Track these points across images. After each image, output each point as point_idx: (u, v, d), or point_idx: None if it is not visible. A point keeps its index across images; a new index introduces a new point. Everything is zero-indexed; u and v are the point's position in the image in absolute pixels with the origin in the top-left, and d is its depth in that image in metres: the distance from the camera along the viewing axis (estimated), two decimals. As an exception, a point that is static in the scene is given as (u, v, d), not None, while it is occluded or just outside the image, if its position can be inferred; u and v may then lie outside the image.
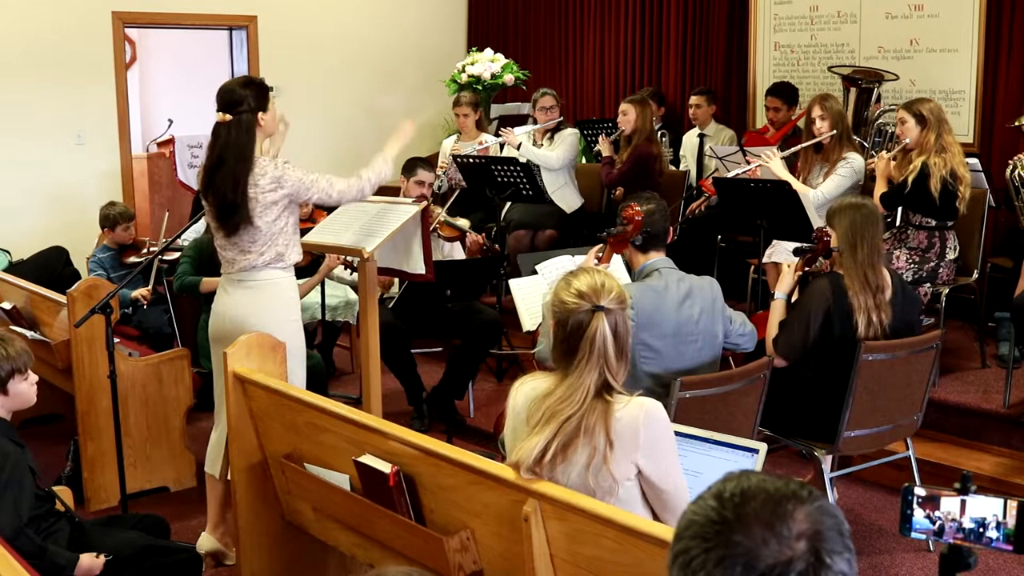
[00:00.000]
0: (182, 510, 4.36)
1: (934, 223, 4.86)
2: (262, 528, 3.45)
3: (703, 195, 5.93)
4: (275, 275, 3.73)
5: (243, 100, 3.65)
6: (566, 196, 6.65)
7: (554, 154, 6.55)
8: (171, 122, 7.78)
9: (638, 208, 3.51)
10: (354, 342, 6.12)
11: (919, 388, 3.89)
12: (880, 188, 4.91)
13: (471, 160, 6.15)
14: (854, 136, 5.53)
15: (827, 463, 3.87)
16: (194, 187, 6.96)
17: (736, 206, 5.13)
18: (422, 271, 4.08)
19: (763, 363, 3.51)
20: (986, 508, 1.71)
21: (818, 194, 5.06)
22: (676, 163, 7.14)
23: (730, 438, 2.63)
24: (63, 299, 4.56)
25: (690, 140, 7.10)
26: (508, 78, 7.94)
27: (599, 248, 3.66)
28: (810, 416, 3.82)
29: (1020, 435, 4.55)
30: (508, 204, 6.63)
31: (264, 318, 3.66)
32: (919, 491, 1.76)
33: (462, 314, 5.27)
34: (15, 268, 6.31)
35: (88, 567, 3.08)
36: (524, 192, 6.11)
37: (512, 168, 6.03)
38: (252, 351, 3.37)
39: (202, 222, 4.28)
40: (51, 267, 6.43)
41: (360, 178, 3.85)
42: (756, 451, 2.56)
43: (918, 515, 1.76)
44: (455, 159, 6.31)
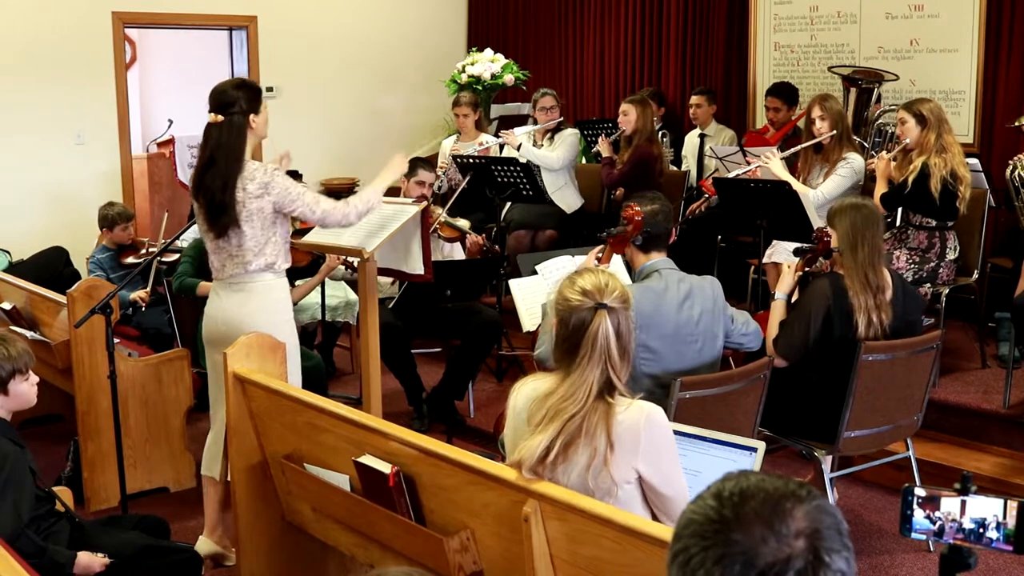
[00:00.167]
0: (182, 510, 4.36)
1: (934, 223, 4.86)
2: (262, 528, 3.46)
3: (703, 196, 5.93)
4: (265, 278, 3.73)
5: (235, 102, 3.65)
6: (566, 196, 6.64)
7: (554, 154, 6.55)
8: (171, 122, 7.79)
9: (638, 208, 3.51)
10: (354, 342, 6.12)
11: (919, 388, 3.89)
12: (880, 188, 4.91)
13: (471, 160, 6.15)
14: (854, 136, 5.53)
15: (827, 463, 3.86)
16: (193, 187, 6.95)
17: (736, 206, 5.13)
18: (421, 271, 4.08)
19: (763, 363, 3.51)
20: (986, 508, 1.71)
21: (818, 194, 5.06)
22: (677, 163, 7.14)
23: (728, 437, 2.63)
24: (63, 299, 4.56)
25: (691, 140, 7.10)
26: (508, 78, 7.93)
27: (600, 248, 3.65)
28: (810, 416, 3.82)
29: (1020, 435, 4.55)
30: (508, 204, 6.63)
31: (256, 320, 3.65)
32: (919, 491, 1.76)
33: (462, 314, 5.26)
34: (15, 268, 6.31)
35: (87, 564, 3.08)
36: (524, 192, 6.11)
37: (512, 168, 6.03)
38: (252, 351, 3.37)
39: (201, 223, 4.28)
40: (51, 267, 6.43)
41: (347, 204, 3.82)
42: (754, 450, 2.56)
43: (918, 515, 1.75)
44: (455, 159, 6.31)
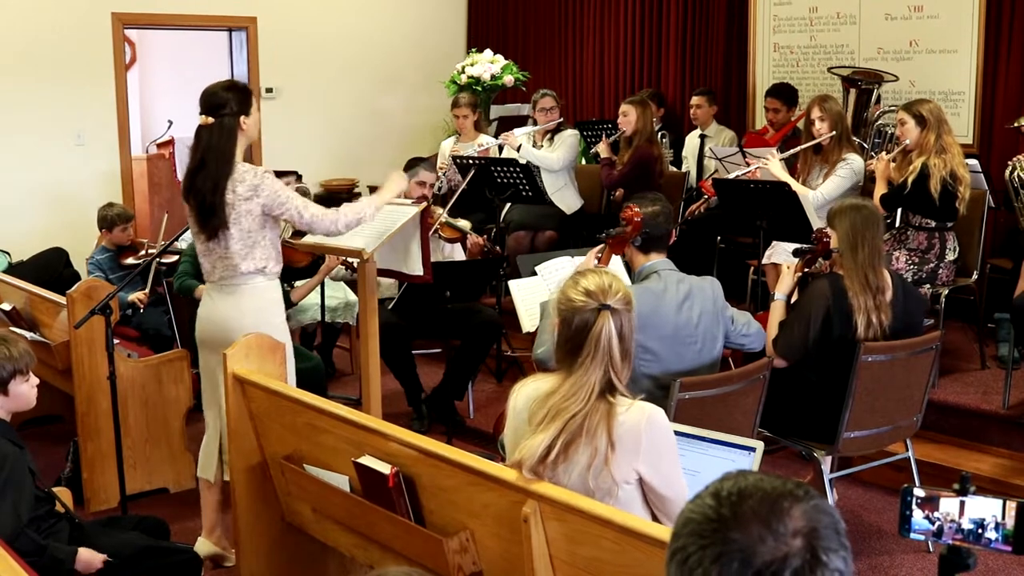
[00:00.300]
0: (181, 511, 4.35)
1: (934, 224, 4.86)
2: (262, 529, 3.45)
3: (703, 197, 5.93)
4: (256, 280, 3.72)
5: (225, 103, 3.64)
6: (566, 197, 6.64)
7: (554, 155, 6.55)
8: (171, 123, 7.79)
9: (637, 209, 3.51)
10: (354, 343, 6.12)
11: (919, 389, 3.89)
12: (880, 189, 4.91)
13: (471, 161, 6.15)
14: (853, 137, 5.53)
15: (827, 464, 3.87)
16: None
17: (736, 207, 5.13)
18: (420, 272, 4.08)
19: (763, 364, 3.51)
20: (985, 509, 1.71)
21: (817, 195, 5.06)
22: (677, 164, 7.14)
23: (727, 437, 2.63)
24: (63, 300, 4.56)
25: (692, 141, 7.10)
26: (508, 79, 7.93)
27: (598, 249, 3.65)
28: (810, 417, 3.82)
29: (1020, 436, 4.55)
30: (508, 205, 6.63)
31: (247, 322, 3.64)
32: (918, 492, 1.76)
33: (461, 314, 5.26)
34: (15, 269, 6.31)
35: (87, 560, 3.08)
36: (524, 193, 6.12)
37: (512, 169, 6.03)
38: (252, 352, 3.37)
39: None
40: (51, 268, 6.43)
41: (337, 211, 3.77)
42: (753, 450, 2.56)
43: (917, 516, 1.75)
44: (455, 160, 6.31)
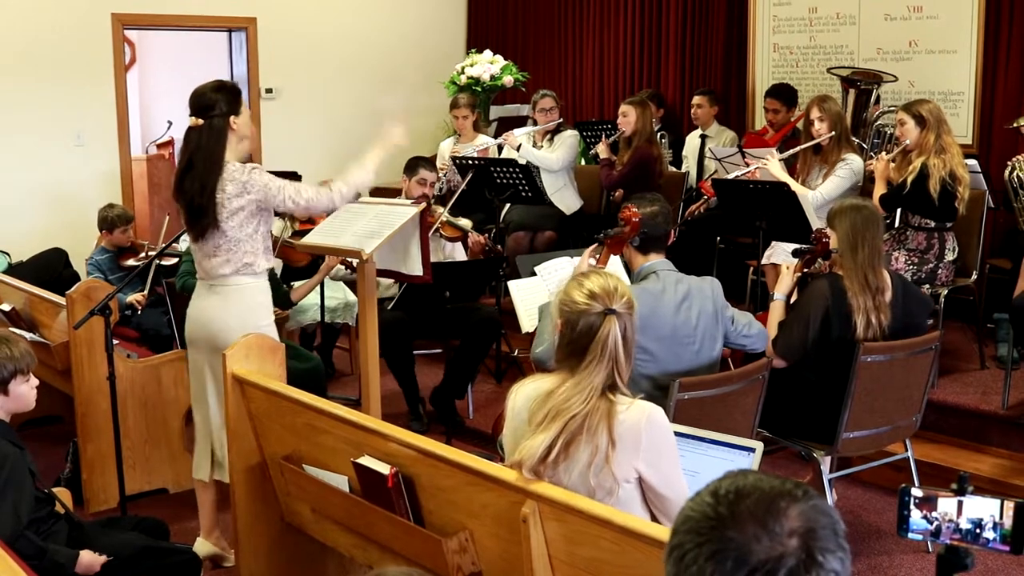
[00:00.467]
0: (181, 512, 4.36)
1: (933, 224, 4.86)
2: (261, 529, 3.46)
3: (702, 197, 5.93)
4: (244, 281, 3.70)
5: (215, 104, 3.64)
6: (565, 198, 6.65)
7: (554, 156, 6.55)
8: (171, 124, 7.79)
9: (636, 210, 3.50)
10: (353, 344, 6.12)
11: (918, 389, 3.90)
12: (879, 190, 4.91)
13: (470, 162, 6.15)
14: (853, 138, 5.53)
15: (826, 464, 3.87)
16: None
17: (735, 208, 5.13)
18: (420, 273, 4.08)
19: (762, 364, 3.51)
20: (983, 509, 1.71)
21: (817, 195, 5.06)
22: (677, 164, 7.14)
23: (727, 437, 2.63)
24: (62, 301, 4.56)
25: (692, 141, 7.10)
26: (507, 79, 7.94)
27: (595, 248, 3.63)
28: (809, 417, 3.82)
29: (1019, 436, 4.55)
30: (507, 206, 6.63)
31: (233, 323, 3.64)
32: (916, 492, 1.76)
33: (460, 313, 5.27)
34: (14, 270, 6.32)
35: (89, 563, 3.08)
36: (523, 194, 6.12)
37: (511, 170, 6.03)
38: (251, 353, 3.36)
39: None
40: (50, 269, 6.43)
41: (331, 190, 3.77)
42: (752, 450, 2.57)
43: (915, 516, 1.76)
44: (454, 161, 6.31)
